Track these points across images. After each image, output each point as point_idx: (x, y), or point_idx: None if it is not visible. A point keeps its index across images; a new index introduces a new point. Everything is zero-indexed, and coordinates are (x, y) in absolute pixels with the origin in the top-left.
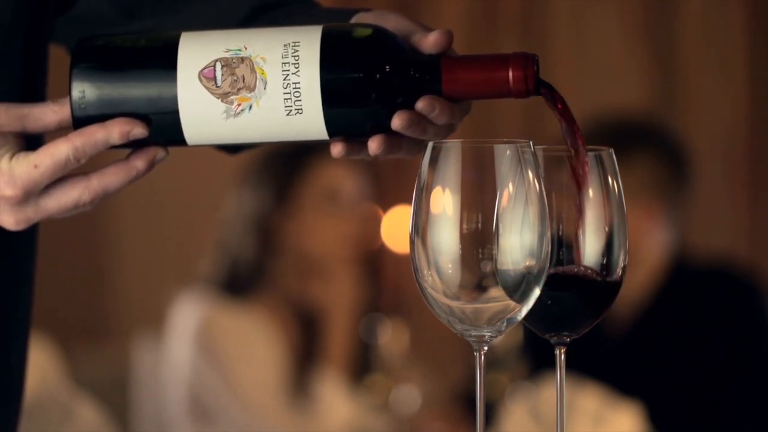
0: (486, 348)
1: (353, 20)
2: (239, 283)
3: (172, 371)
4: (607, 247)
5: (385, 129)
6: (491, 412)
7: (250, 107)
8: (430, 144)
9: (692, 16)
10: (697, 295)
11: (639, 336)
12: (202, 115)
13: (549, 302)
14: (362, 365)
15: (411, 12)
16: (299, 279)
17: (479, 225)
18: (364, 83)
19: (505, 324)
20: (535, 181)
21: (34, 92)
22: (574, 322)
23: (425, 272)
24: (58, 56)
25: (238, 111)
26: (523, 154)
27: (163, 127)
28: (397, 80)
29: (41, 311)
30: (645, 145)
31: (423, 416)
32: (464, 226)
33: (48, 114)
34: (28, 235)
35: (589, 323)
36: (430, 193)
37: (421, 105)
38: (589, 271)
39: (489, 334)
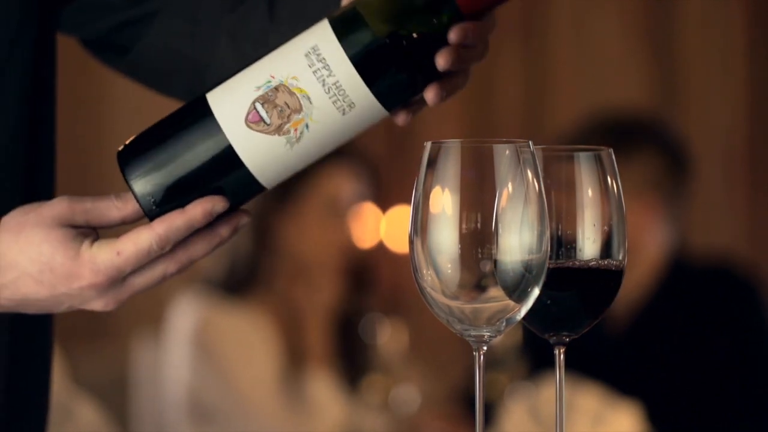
0: (485, 348)
1: None
2: (237, 282)
3: (171, 371)
4: (606, 246)
5: (433, 77)
6: (491, 412)
7: (307, 126)
8: (430, 144)
9: (692, 16)
10: (696, 295)
11: (638, 336)
12: (269, 157)
13: (548, 302)
14: (361, 365)
15: None
16: (291, 280)
17: (478, 225)
18: (394, 47)
19: (504, 324)
20: (534, 180)
21: (43, 83)
22: (574, 321)
23: (424, 272)
24: (65, 45)
25: (298, 136)
26: (522, 154)
27: (239, 187)
28: (421, 27)
29: None
30: (644, 144)
31: (422, 416)
32: (463, 226)
33: (112, 210)
34: None
35: (588, 323)
36: (429, 193)
37: (453, 36)
38: (589, 270)
39: (488, 333)
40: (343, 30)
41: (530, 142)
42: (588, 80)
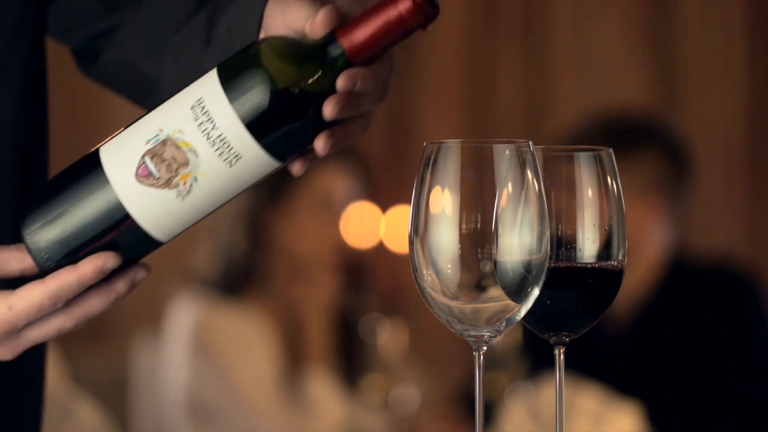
0: (485, 348)
1: (270, 1)
2: (234, 281)
3: (170, 371)
4: (606, 246)
5: (324, 125)
6: (490, 412)
7: (196, 179)
8: (430, 144)
9: (692, 16)
10: (696, 295)
11: (638, 336)
12: (161, 211)
13: (548, 302)
14: (361, 365)
15: None
16: (287, 280)
17: (478, 225)
18: (279, 100)
19: (504, 324)
20: (534, 180)
21: (39, 88)
22: (574, 321)
23: (424, 272)
24: (55, 48)
25: (188, 189)
26: (522, 154)
27: (133, 242)
28: (307, 78)
29: None
30: (645, 144)
31: (422, 416)
32: (463, 226)
33: (11, 262)
34: None
35: (588, 323)
36: (429, 193)
37: (341, 84)
38: (589, 270)
39: (488, 334)
40: (228, 80)
41: (530, 142)
42: (588, 80)
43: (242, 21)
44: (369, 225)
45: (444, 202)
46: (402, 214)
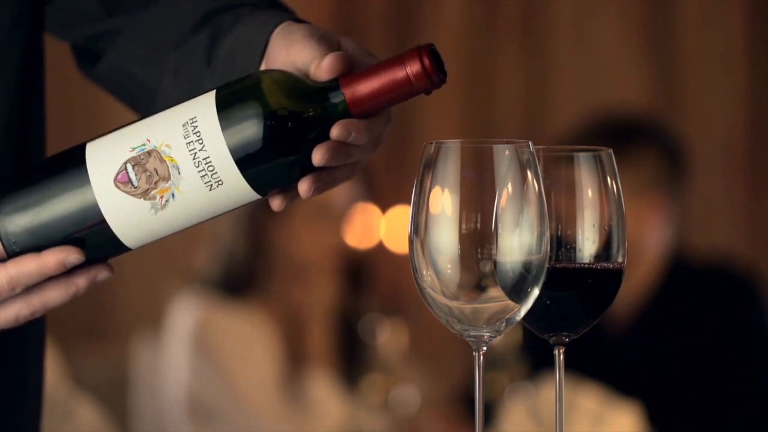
0: (485, 348)
1: (275, 33)
2: (235, 282)
3: (170, 371)
4: (606, 246)
5: (312, 168)
6: (490, 412)
7: (173, 195)
8: (430, 144)
9: (692, 16)
10: (696, 295)
11: (638, 336)
12: (132, 219)
13: (548, 302)
14: (361, 365)
15: (411, 12)
16: (287, 281)
17: (478, 225)
18: (270, 136)
19: (504, 324)
20: (534, 181)
21: (35, 81)
22: (573, 322)
23: (424, 272)
24: (55, 48)
25: (163, 203)
26: (522, 154)
27: (99, 242)
28: (304, 120)
29: None
30: (644, 144)
31: (422, 416)
32: (463, 226)
33: None
34: None
35: (588, 323)
36: (429, 193)
37: (335, 133)
38: (589, 270)
39: (488, 334)
40: (225, 106)
41: (530, 142)
42: (588, 80)
43: (245, 47)
44: (369, 225)
45: (444, 202)
46: (402, 214)
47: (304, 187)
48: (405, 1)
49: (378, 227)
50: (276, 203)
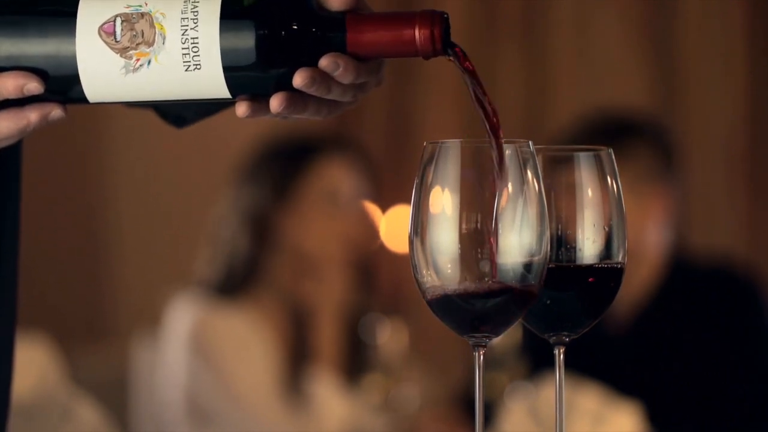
0: (485, 348)
1: None
2: (236, 280)
3: (170, 372)
4: (606, 246)
5: (288, 87)
6: (490, 412)
7: (149, 62)
8: (430, 144)
9: (692, 16)
10: (696, 295)
11: (638, 335)
12: (102, 71)
13: (548, 302)
14: (361, 365)
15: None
16: (293, 277)
17: (478, 225)
18: (264, 40)
19: None
20: (535, 180)
21: None
22: (573, 321)
23: (424, 272)
24: None
25: (137, 66)
26: (522, 154)
27: (63, 82)
28: (300, 38)
29: (41, 311)
30: (644, 144)
31: (422, 416)
32: (463, 226)
33: None
34: (7, 234)
35: (588, 323)
36: (429, 193)
37: (324, 62)
38: (589, 270)
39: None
40: (231, 1)
41: (530, 142)
42: (588, 80)
43: None
44: (370, 225)
45: (444, 202)
46: (402, 214)
47: (275, 102)
48: (405, 1)
49: (376, 228)
50: (242, 109)
